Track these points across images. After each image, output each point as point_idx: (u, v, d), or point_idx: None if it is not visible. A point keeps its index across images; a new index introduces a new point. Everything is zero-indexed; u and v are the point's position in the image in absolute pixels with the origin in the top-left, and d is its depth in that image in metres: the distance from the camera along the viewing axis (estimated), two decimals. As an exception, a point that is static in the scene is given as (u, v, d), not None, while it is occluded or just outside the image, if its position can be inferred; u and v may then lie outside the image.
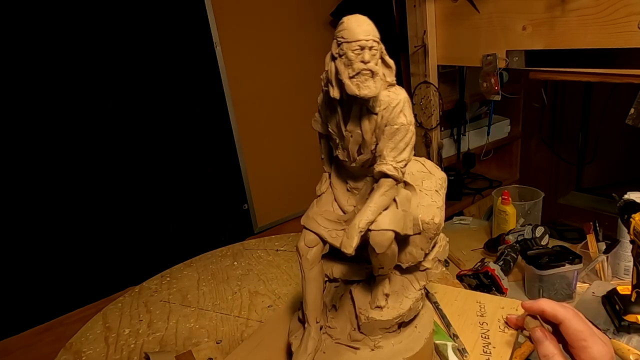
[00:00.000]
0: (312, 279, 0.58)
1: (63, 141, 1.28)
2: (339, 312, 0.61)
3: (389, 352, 0.58)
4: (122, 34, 1.33)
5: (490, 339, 0.69)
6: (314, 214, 0.57)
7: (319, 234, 0.56)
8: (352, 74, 0.47)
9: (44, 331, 1.26)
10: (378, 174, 0.51)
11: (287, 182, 1.78)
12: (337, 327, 0.60)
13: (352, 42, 0.46)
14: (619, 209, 1.02)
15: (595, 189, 2.27)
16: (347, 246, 0.47)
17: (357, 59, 0.46)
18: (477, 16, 1.26)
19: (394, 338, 0.59)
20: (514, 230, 1.37)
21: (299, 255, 0.57)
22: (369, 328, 0.58)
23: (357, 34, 0.46)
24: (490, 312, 0.75)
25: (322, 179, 0.60)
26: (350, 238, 0.47)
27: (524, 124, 2.06)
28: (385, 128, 0.51)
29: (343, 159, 0.55)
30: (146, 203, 1.46)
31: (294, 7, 1.69)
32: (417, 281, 0.63)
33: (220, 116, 1.58)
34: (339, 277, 0.61)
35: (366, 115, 0.51)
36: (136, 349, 0.81)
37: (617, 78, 1.04)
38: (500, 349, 0.67)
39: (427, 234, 0.60)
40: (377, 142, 0.52)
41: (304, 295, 0.58)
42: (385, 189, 0.50)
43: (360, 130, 0.52)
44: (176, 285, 1.01)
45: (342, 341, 0.59)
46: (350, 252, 0.47)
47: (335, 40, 0.48)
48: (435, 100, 1.46)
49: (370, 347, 0.58)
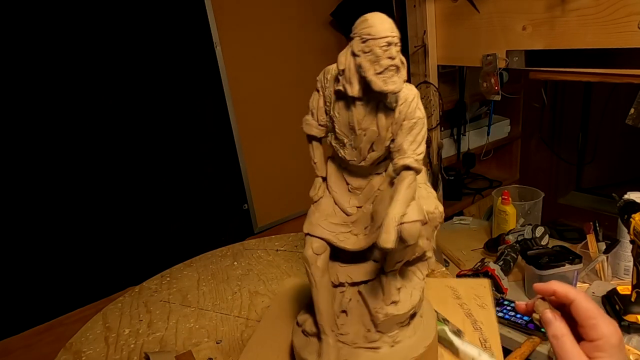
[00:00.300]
0: (324, 287, 0.57)
1: (63, 141, 1.28)
2: (350, 316, 0.60)
3: (409, 345, 0.59)
4: (123, 34, 1.33)
5: (475, 316, 0.76)
6: (316, 219, 0.57)
7: (326, 239, 0.56)
8: (380, 70, 0.47)
9: (44, 331, 1.26)
10: (400, 167, 0.52)
11: (287, 182, 1.78)
12: (349, 333, 0.59)
13: (380, 39, 0.47)
14: (619, 209, 1.02)
15: (595, 189, 2.27)
16: (388, 241, 0.47)
17: (384, 55, 0.47)
18: (477, 16, 1.26)
19: (408, 330, 0.60)
20: (514, 230, 1.37)
21: (308, 265, 0.56)
22: (387, 325, 0.58)
23: (384, 30, 0.47)
24: (464, 294, 0.82)
25: (315, 185, 0.59)
26: (389, 233, 0.48)
27: (524, 124, 2.06)
28: (403, 122, 0.52)
29: (351, 158, 0.55)
30: (146, 203, 1.46)
31: (294, 7, 1.69)
32: (419, 271, 0.63)
33: (220, 116, 1.58)
34: (345, 280, 0.60)
35: (383, 112, 0.52)
36: (136, 349, 0.81)
37: (617, 78, 1.04)
38: (487, 323, 0.73)
39: (433, 223, 0.61)
40: (392, 138, 0.53)
41: (317, 305, 0.57)
42: (409, 181, 0.51)
43: (376, 127, 0.52)
44: (176, 285, 1.01)
45: (359, 344, 0.59)
46: (391, 247, 0.48)
47: (359, 37, 0.48)
48: (435, 100, 1.46)
49: (389, 343, 0.58)
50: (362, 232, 0.57)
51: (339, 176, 0.59)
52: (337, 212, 0.58)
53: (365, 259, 0.60)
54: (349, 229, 0.57)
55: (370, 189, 0.58)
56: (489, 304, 0.80)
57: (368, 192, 0.58)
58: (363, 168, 0.57)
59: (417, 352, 0.58)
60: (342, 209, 0.58)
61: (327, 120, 0.56)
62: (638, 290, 0.98)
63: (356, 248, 0.57)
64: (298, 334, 0.63)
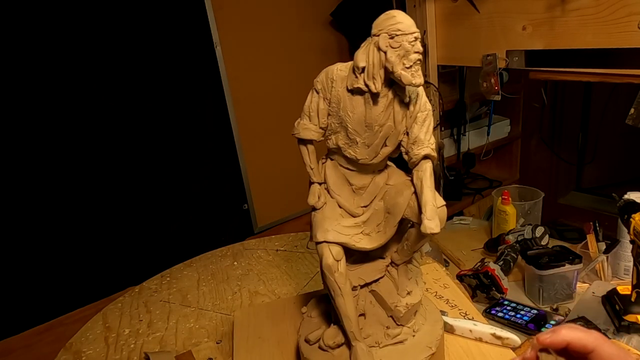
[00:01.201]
0: (348, 293, 0.56)
1: (63, 141, 1.28)
2: (368, 318, 0.60)
3: (429, 330, 0.61)
4: (123, 34, 1.33)
5: (446, 297, 0.83)
6: (329, 226, 0.56)
7: (343, 243, 0.56)
8: (409, 65, 0.49)
9: (44, 331, 1.26)
10: (421, 157, 0.54)
11: (287, 182, 1.78)
12: (370, 334, 0.60)
13: (409, 34, 0.49)
14: (619, 209, 1.02)
15: (595, 189, 2.27)
16: (435, 227, 0.49)
17: (413, 50, 0.49)
18: (477, 16, 1.26)
19: (421, 318, 0.62)
20: (514, 230, 1.36)
21: (330, 273, 0.55)
22: (407, 316, 0.59)
23: (411, 26, 0.49)
24: (429, 283, 0.87)
25: (313, 192, 0.59)
26: (433, 219, 0.49)
27: (524, 124, 2.06)
28: (417, 115, 0.54)
29: (362, 157, 0.55)
30: (146, 203, 1.46)
31: (294, 7, 1.69)
32: (415, 260, 0.65)
33: (220, 116, 1.58)
34: (358, 284, 0.60)
35: (398, 106, 0.53)
36: (136, 349, 0.81)
37: (617, 78, 1.04)
38: (458, 300, 0.81)
39: None
40: (406, 131, 0.55)
41: (344, 313, 0.56)
42: (431, 170, 0.53)
43: (392, 122, 0.54)
44: (176, 285, 1.01)
45: (385, 343, 0.59)
46: (437, 232, 0.49)
47: (387, 33, 0.49)
48: (435, 100, 1.46)
49: (411, 334, 0.60)
50: (375, 230, 0.58)
51: (341, 178, 0.59)
52: (344, 214, 0.58)
53: (370, 258, 0.60)
54: (361, 230, 0.58)
55: (374, 186, 0.58)
56: (450, 283, 0.88)
57: (372, 190, 0.58)
58: (368, 166, 0.57)
59: (438, 335, 0.60)
60: (348, 210, 0.58)
61: (329, 122, 0.56)
62: (638, 290, 0.98)
63: (373, 246, 0.57)
64: (315, 351, 0.61)
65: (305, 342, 0.62)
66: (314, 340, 0.61)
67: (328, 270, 0.55)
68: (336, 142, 0.57)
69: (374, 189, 0.58)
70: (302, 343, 0.62)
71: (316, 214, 0.58)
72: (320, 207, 0.58)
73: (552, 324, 1.08)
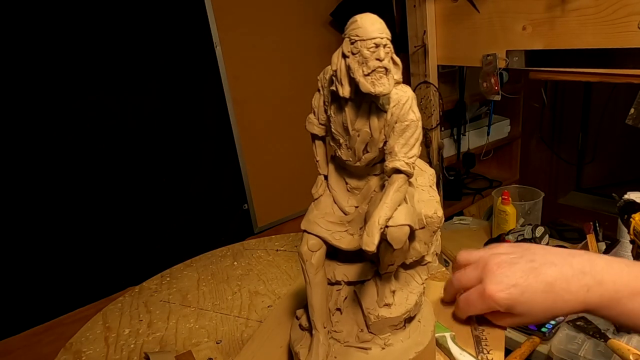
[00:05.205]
0: (318, 284, 0.57)
1: (63, 141, 1.28)
2: (344, 315, 0.60)
3: (400, 349, 0.58)
4: (122, 34, 1.33)
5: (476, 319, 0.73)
6: (314, 217, 0.57)
7: (322, 237, 0.56)
8: (367, 72, 0.47)
9: (44, 331, 1.26)
10: (390, 170, 0.51)
11: (287, 182, 1.78)
12: (343, 331, 0.59)
13: (367, 40, 0.46)
14: (619, 209, 1.02)
15: (595, 189, 2.27)
16: (370, 244, 0.47)
17: (372, 57, 0.47)
18: (477, 16, 1.26)
19: (402, 334, 0.60)
20: (514, 230, 1.37)
21: (303, 261, 0.56)
22: (378, 327, 0.58)
23: (372, 32, 0.47)
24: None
25: (317, 182, 0.60)
26: (371, 236, 0.47)
27: (524, 124, 2.06)
28: (395, 125, 0.52)
29: (347, 158, 0.55)
30: (146, 203, 1.46)
31: (294, 7, 1.69)
32: (418, 275, 0.63)
33: (220, 116, 1.58)
34: (341, 279, 0.60)
35: (375, 113, 0.52)
36: (136, 349, 0.81)
37: (617, 78, 1.04)
38: None
39: (431, 228, 0.60)
40: (385, 140, 0.53)
41: (310, 301, 0.57)
42: (398, 184, 0.51)
43: (368, 129, 0.52)
44: (176, 285, 1.01)
45: (351, 343, 0.59)
46: (372, 250, 0.47)
47: (348, 38, 0.48)
48: (435, 100, 1.46)
49: (380, 345, 0.58)
50: (358, 232, 0.57)
51: (339, 175, 0.59)
52: (336, 210, 0.58)
53: (362, 259, 0.60)
54: (346, 229, 0.57)
55: (368, 189, 0.58)
56: None
57: (366, 192, 0.58)
58: (360, 168, 0.57)
59: (407, 357, 0.57)
60: (341, 208, 0.58)
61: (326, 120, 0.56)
62: (638, 290, 0.98)
63: (350, 248, 0.57)
64: (295, 327, 0.64)
65: (295, 318, 0.65)
66: (299, 317, 0.64)
67: (301, 258, 0.56)
68: (329, 140, 0.57)
69: (367, 191, 0.58)
70: (294, 319, 0.65)
71: (312, 204, 0.59)
72: (316, 198, 0.59)
73: (552, 324, 1.08)
